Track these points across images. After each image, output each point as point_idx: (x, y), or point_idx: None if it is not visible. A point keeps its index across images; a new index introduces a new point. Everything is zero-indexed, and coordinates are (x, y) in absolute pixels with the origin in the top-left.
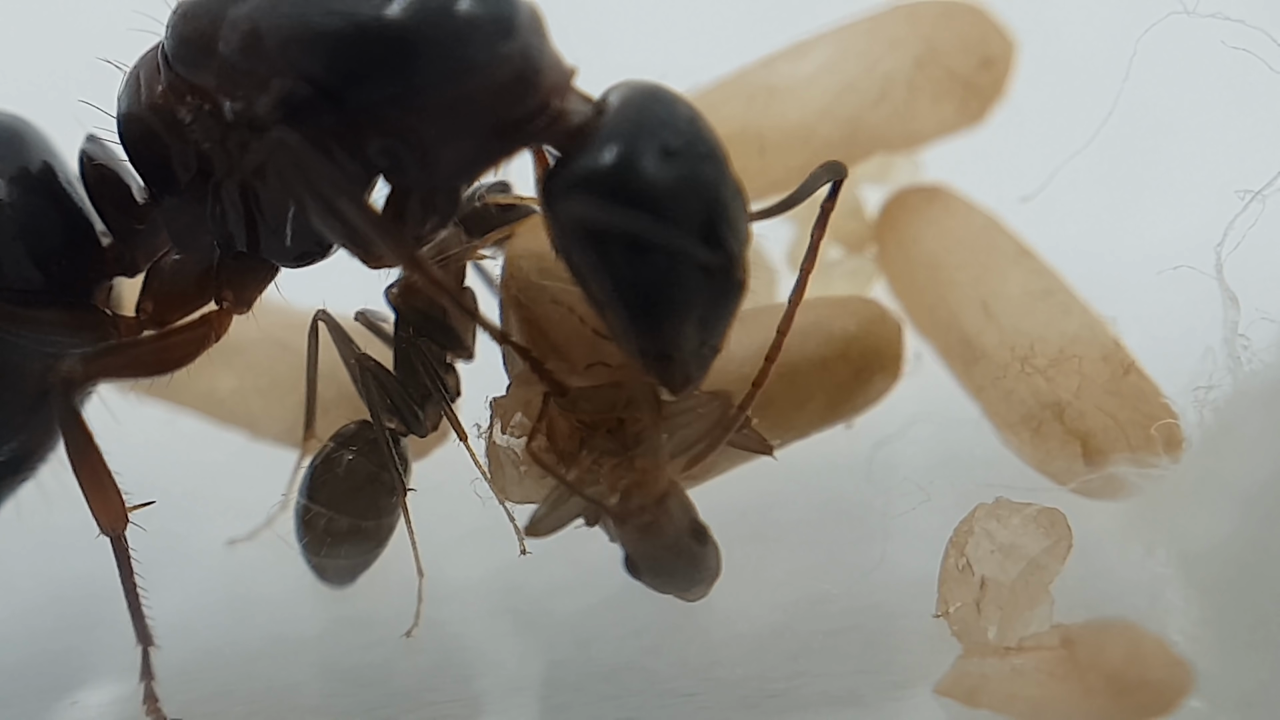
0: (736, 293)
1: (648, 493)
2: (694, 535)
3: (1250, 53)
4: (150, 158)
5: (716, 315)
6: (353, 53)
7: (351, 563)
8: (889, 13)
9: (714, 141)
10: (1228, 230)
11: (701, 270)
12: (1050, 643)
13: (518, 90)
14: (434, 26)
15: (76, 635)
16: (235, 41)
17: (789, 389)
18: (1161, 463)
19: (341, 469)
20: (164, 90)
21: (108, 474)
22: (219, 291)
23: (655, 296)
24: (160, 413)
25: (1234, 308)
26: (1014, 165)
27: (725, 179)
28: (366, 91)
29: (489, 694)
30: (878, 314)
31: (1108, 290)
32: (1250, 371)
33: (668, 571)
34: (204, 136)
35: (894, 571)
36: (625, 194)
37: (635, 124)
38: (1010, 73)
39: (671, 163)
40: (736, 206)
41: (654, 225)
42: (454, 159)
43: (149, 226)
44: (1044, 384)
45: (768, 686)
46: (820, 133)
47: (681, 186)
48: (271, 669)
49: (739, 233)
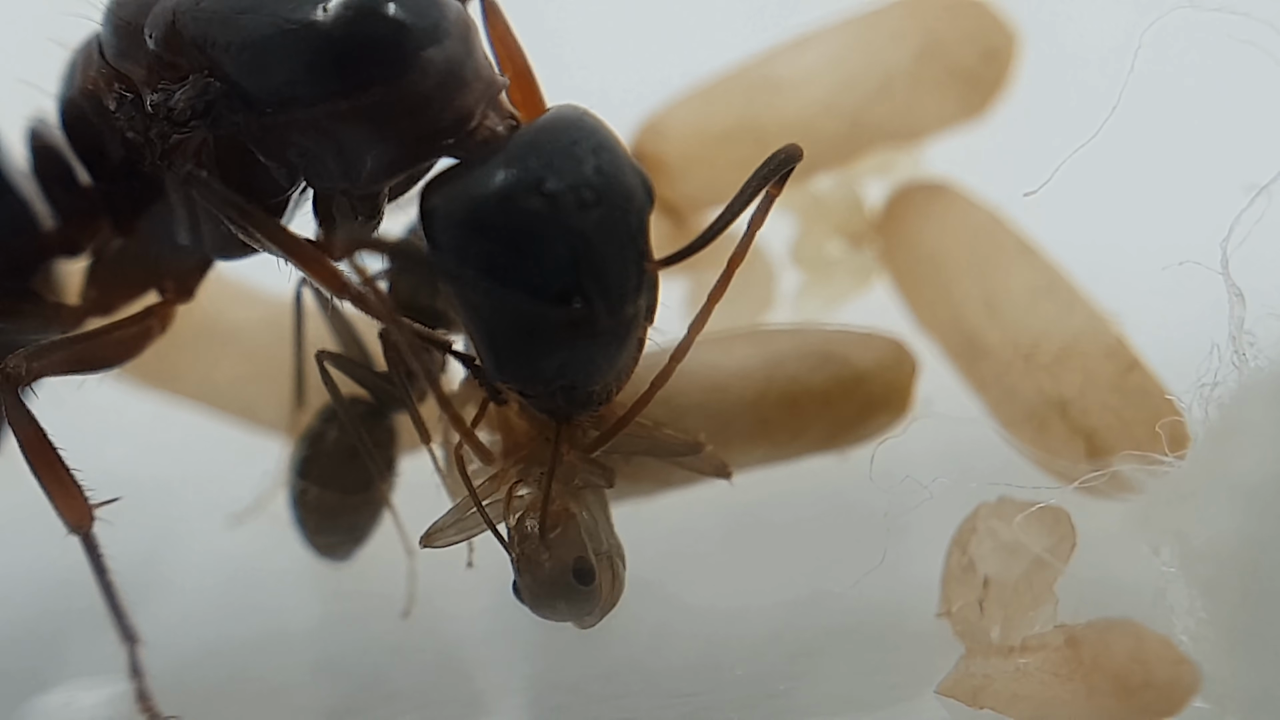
0: (609, 341)
1: (540, 520)
2: (577, 575)
3: (1256, 46)
4: (84, 143)
5: (581, 361)
6: (266, 54)
7: (347, 537)
8: (890, 6)
9: (613, 188)
10: (1233, 226)
11: (557, 317)
12: (1054, 642)
13: (438, 100)
14: (352, 32)
15: (69, 632)
16: (157, 33)
17: (788, 417)
18: (1166, 460)
19: (328, 444)
20: (95, 77)
21: (66, 471)
22: (160, 281)
23: (499, 333)
24: (154, 403)
25: (1240, 304)
26: (1017, 160)
27: (610, 228)
28: (279, 94)
29: (487, 694)
30: (894, 353)
31: (1112, 286)
32: (1256, 368)
33: (546, 604)
34: (129, 126)
35: (896, 571)
36: (480, 228)
37: (524, 157)
38: (1012, 66)
39: (540, 205)
40: (618, 256)
41: (501, 266)
42: (371, 164)
43: (92, 208)
44: (1048, 381)
45: (769, 687)
46: (821, 127)
47: (541, 231)
48: (267, 668)
49: (616, 284)
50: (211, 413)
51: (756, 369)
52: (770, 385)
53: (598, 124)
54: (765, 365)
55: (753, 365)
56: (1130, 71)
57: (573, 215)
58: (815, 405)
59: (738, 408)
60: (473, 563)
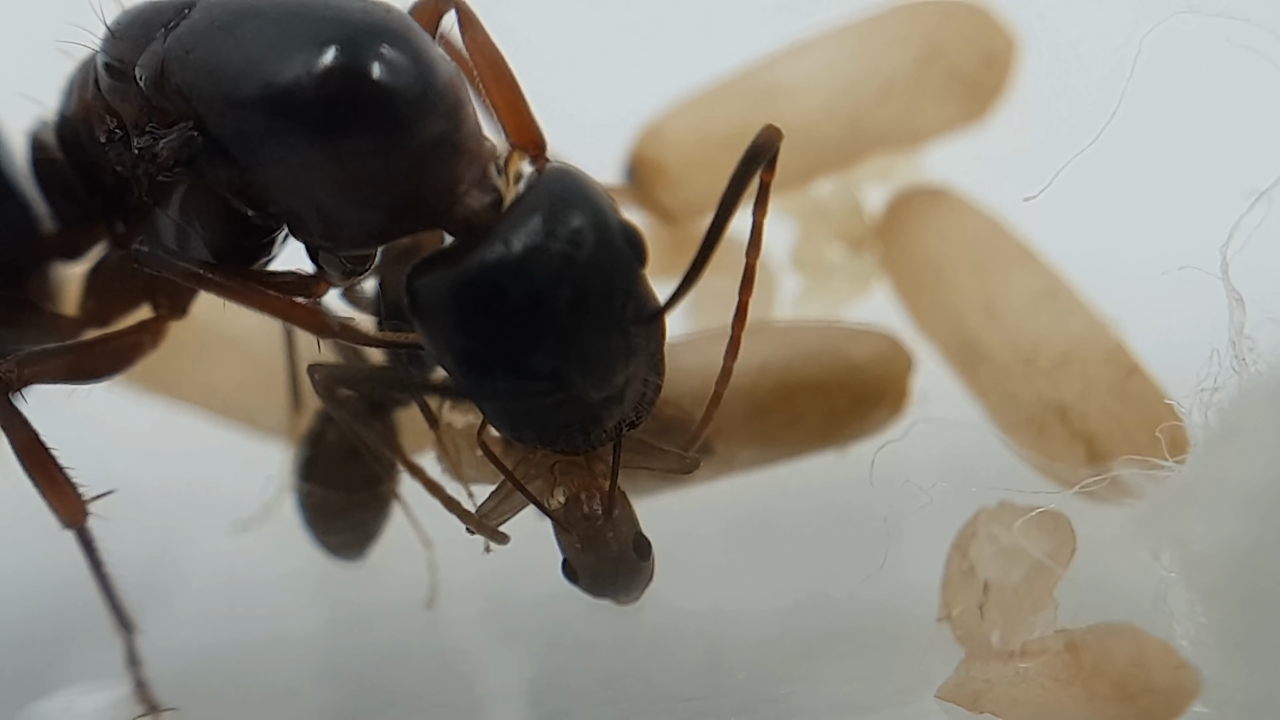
0: (604, 407)
1: (595, 501)
2: (637, 548)
3: (1257, 51)
4: (78, 161)
5: (579, 425)
6: (248, 113)
7: (357, 535)
8: (891, 12)
9: (595, 268)
10: (1233, 231)
11: (544, 398)
12: (1054, 647)
13: (424, 173)
14: (334, 96)
15: (68, 637)
16: (148, 76)
17: (783, 405)
18: (1166, 465)
19: (328, 444)
20: (89, 103)
21: (58, 469)
22: (154, 296)
23: (494, 410)
24: (157, 408)
25: (1239, 309)
26: (1017, 165)
27: (590, 310)
28: (260, 154)
29: (488, 699)
30: (890, 347)
31: (1112, 291)
32: (1256, 373)
33: (606, 581)
34: (117, 161)
35: (897, 575)
36: (460, 318)
37: (505, 244)
38: (1013, 71)
39: (519, 296)
40: (601, 335)
41: (482, 353)
42: (349, 230)
43: (90, 215)
44: (1048, 386)
45: (769, 691)
46: (822, 132)
47: (520, 320)
48: (269, 672)
49: (599, 363)
50: (213, 418)
51: (751, 361)
52: (764, 376)
53: (584, 192)
54: (760, 357)
55: (747, 357)
56: (1130, 77)
57: (551, 303)
58: (810, 394)
59: (733, 399)
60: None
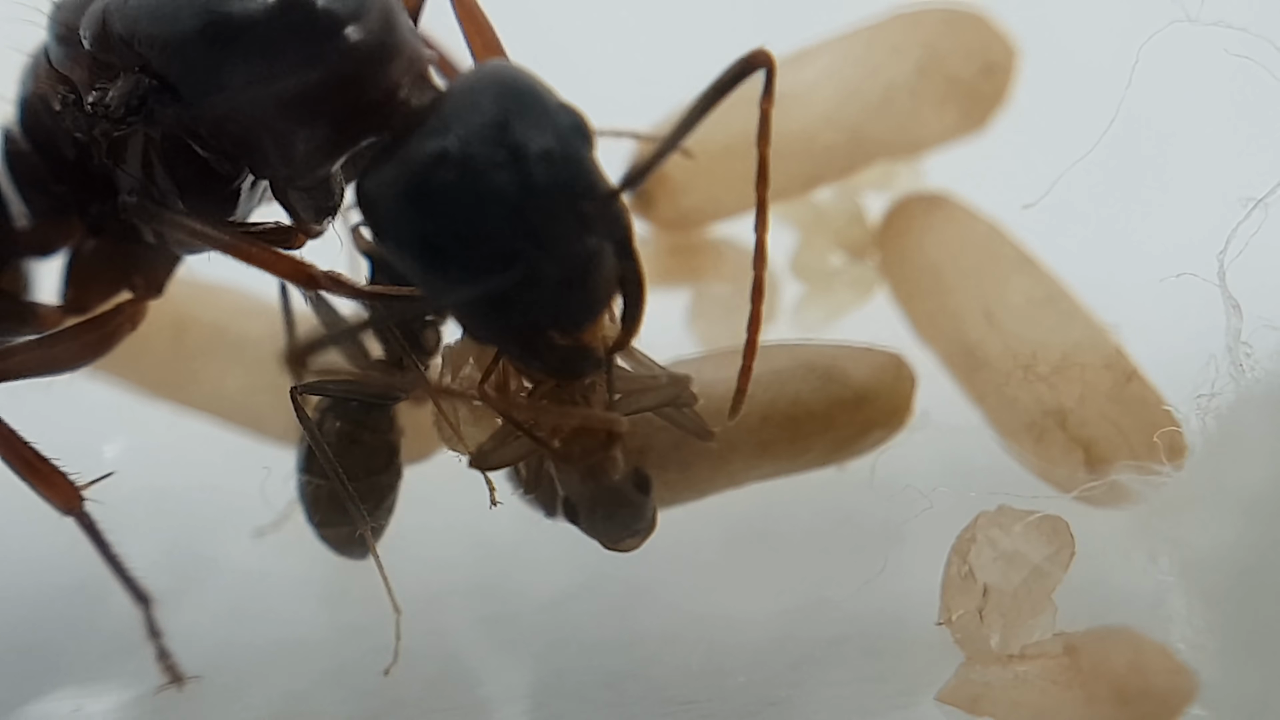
0: (573, 283)
1: (593, 436)
2: (637, 483)
3: (1253, 60)
4: (41, 144)
5: (550, 310)
6: (188, 45)
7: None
8: (891, 20)
9: (534, 140)
10: (1230, 237)
11: (507, 281)
12: (1053, 650)
13: (360, 79)
14: (269, 17)
15: (77, 639)
16: (91, 33)
17: (790, 439)
18: (1164, 470)
19: (326, 435)
20: (43, 79)
21: (41, 459)
22: (129, 277)
23: (463, 304)
24: (167, 414)
25: (1237, 315)
26: (1016, 172)
27: (534, 180)
28: (205, 85)
29: (490, 701)
30: (894, 369)
31: (1110, 298)
32: (1253, 379)
33: (607, 517)
34: (74, 126)
35: (896, 579)
36: (409, 210)
37: (440, 130)
38: (1012, 80)
39: (459, 176)
40: (550, 205)
41: (437, 243)
42: (303, 149)
43: (64, 202)
44: (1046, 391)
45: (769, 694)
46: (822, 140)
47: (465, 202)
48: (275, 676)
49: (555, 233)
50: (221, 423)
51: (760, 396)
52: (773, 406)
53: (518, 76)
54: (765, 383)
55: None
56: (1128, 85)
57: (493, 175)
58: (816, 426)
59: (738, 434)
60: (497, 501)
